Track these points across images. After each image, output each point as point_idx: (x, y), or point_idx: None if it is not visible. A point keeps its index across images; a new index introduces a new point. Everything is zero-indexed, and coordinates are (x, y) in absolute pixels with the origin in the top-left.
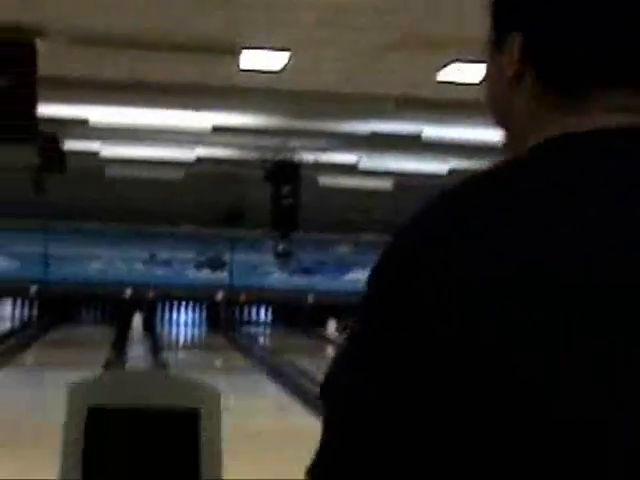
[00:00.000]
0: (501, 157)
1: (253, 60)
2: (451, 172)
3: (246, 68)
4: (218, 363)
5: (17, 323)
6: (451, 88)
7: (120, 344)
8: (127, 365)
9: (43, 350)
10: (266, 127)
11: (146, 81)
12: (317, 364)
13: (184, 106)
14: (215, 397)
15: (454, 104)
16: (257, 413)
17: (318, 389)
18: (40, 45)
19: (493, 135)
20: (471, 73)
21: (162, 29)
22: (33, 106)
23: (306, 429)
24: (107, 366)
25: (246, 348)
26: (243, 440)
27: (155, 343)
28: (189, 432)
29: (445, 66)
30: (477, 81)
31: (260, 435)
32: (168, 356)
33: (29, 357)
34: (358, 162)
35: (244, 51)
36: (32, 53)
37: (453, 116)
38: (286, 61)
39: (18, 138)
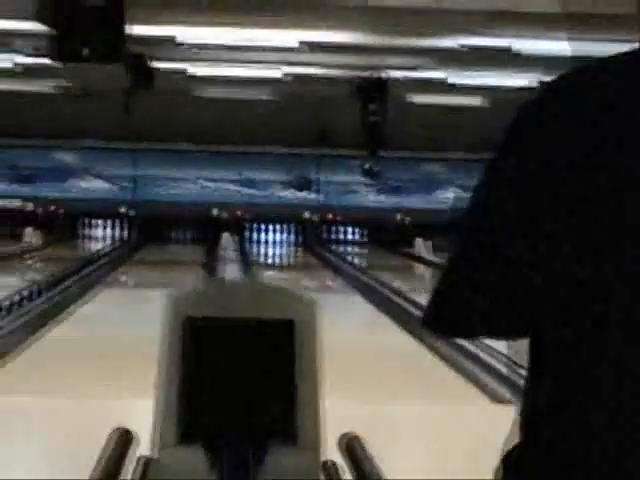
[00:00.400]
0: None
1: None
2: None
3: None
4: (308, 282)
5: (108, 244)
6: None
7: (211, 264)
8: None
9: (134, 270)
10: (356, 44)
11: None
12: (406, 282)
13: (274, 24)
14: (312, 307)
15: (544, 16)
16: (347, 331)
17: (408, 307)
18: None
19: (583, 46)
20: None
21: None
22: (122, 25)
23: (395, 346)
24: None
25: (335, 267)
26: (332, 358)
27: (246, 263)
28: (285, 343)
29: None
30: None
31: (350, 353)
32: (259, 275)
33: (121, 277)
34: (447, 78)
35: None
36: None
37: (542, 29)
38: None
39: (108, 57)
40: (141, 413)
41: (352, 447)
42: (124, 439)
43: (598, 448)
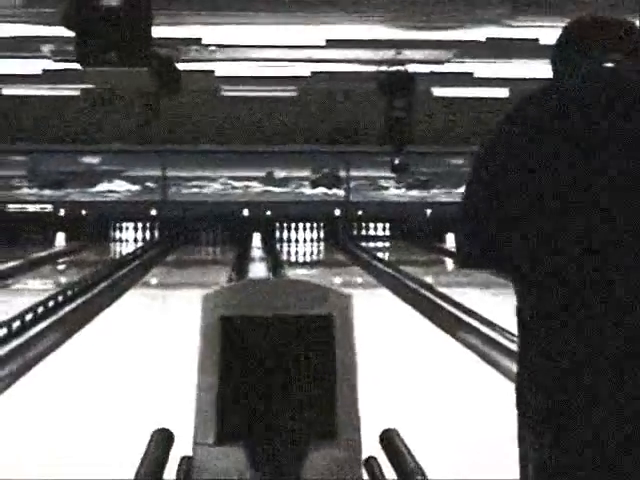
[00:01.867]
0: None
1: None
2: None
3: None
4: (338, 279)
5: (139, 246)
6: None
7: (240, 264)
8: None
9: (166, 272)
10: (380, 38)
11: None
12: (437, 277)
13: (298, 21)
14: (348, 301)
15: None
16: (377, 327)
17: (440, 301)
18: None
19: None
20: None
21: None
22: (149, 28)
23: (424, 339)
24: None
25: (366, 263)
26: (363, 354)
27: (275, 262)
28: (323, 338)
29: None
30: None
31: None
32: (289, 274)
33: (152, 279)
34: (474, 71)
35: None
36: None
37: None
38: None
39: (135, 60)
40: (181, 413)
41: (393, 443)
42: (165, 439)
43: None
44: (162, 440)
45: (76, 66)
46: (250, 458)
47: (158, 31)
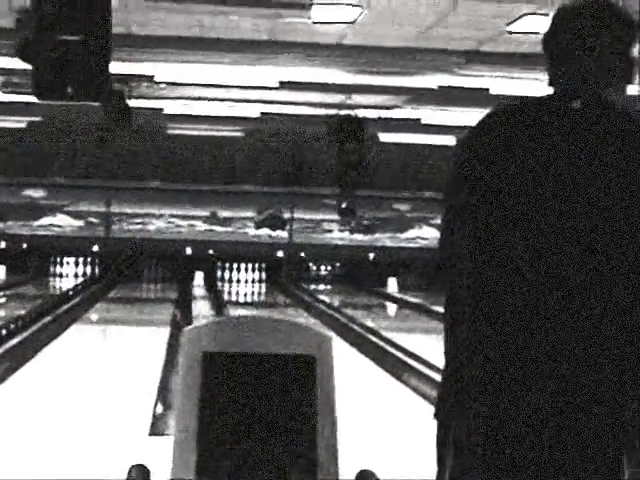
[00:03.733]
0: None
1: (325, 15)
2: None
3: (318, 20)
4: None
5: (80, 281)
6: (521, 41)
7: (183, 302)
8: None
9: (107, 308)
10: (332, 82)
11: (215, 37)
12: (378, 322)
13: (251, 62)
14: (329, 342)
15: (524, 58)
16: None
17: (382, 345)
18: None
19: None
20: (542, 25)
21: None
22: (106, 63)
23: (370, 384)
24: (174, 323)
25: (308, 305)
26: None
27: (218, 301)
28: (305, 377)
29: (517, 20)
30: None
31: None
32: (231, 314)
33: (93, 315)
34: (421, 118)
35: (315, 6)
36: (107, 10)
37: (523, 70)
38: (357, 15)
39: (92, 95)
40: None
41: None
42: (142, 475)
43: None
44: (139, 476)
45: (25, 99)
46: None
47: (112, 67)
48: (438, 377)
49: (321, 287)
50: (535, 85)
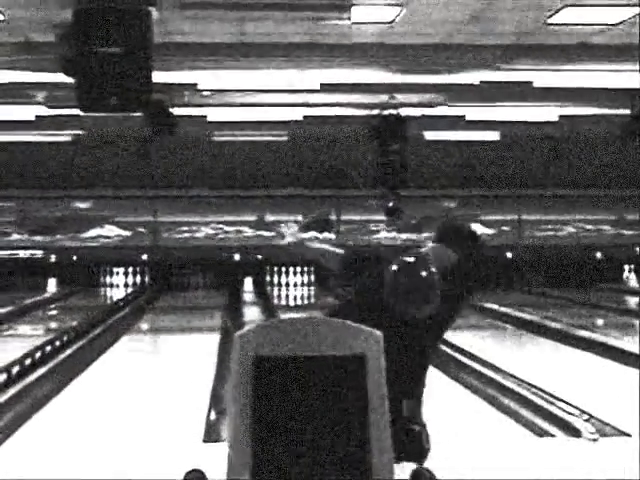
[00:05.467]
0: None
1: (364, 15)
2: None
3: (357, 21)
4: None
5: (130, 291)
6: (562, 33)
7: (233, 308)
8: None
9: (157, 317)
10: (374, 82)
11: (255, 43)
12: None
13: (292, 65)
14: (378, 341)
15: (565, 49)
16: None
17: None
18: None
19: (603, 79)
20: (583, 17)
21: None
22: (148, 74)
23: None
24: (224, 329)
25: None
26: None
27: (267, 305)
28: (356, 377)
29: (558, 11)
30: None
31: None
32: (282, 317)
33: (144, 324)
34: (465, 114)
35: (354, 7)
36: (148, 21)
37: (565, 62)
38: (395, 14)
39: (135, 106)
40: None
41: None
42: (198, 479)
43: None
44: None
45: (68, 112)
46: None
47: (154, 76)
48: (487, 372)
49: None
50: (577, 77)
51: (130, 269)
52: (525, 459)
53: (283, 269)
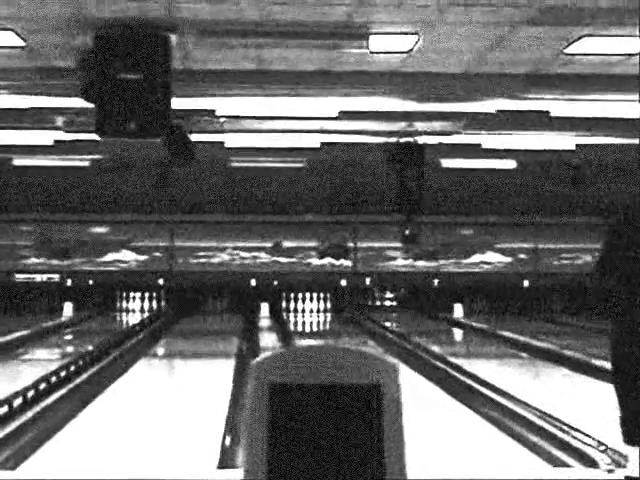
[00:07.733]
0: (629, 131)
1: (382, 44)
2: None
3: (375, 50)
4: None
5: (146, 316)
6: (580, 63)
7: (249, 333)
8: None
9: (173, 342)
10: (391, 110)
11: (273, 70)
12: (445, 348)
13: (311, 93)
14: (395, 370)
15: (583, 79)
16: None
17: (451, 371)
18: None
19: (621, 109)
20: (601, 47)
21: (289, 17)
22: (168, 99)
23: (442, 410)
24: (239, 355)
25: (374, 333)
26: None
27: (284, 331)
28: (372, 407)
29: (576, 41)
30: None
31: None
32: (297, 344)
33: (160, 349)
34: (482, 142)
35: (372, 36)
36: (167, 47)
37: (582, 92)
38: (414, 43)
39: (154, 131)
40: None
41: None
42: None
43: None
44: None
45: (87, 137)
46: None
47: (173, 102)
48: (505, 402)
49: (386, 314)
50: (593, 106)
51: (147, 294)
52: None
53: (299, 295)
